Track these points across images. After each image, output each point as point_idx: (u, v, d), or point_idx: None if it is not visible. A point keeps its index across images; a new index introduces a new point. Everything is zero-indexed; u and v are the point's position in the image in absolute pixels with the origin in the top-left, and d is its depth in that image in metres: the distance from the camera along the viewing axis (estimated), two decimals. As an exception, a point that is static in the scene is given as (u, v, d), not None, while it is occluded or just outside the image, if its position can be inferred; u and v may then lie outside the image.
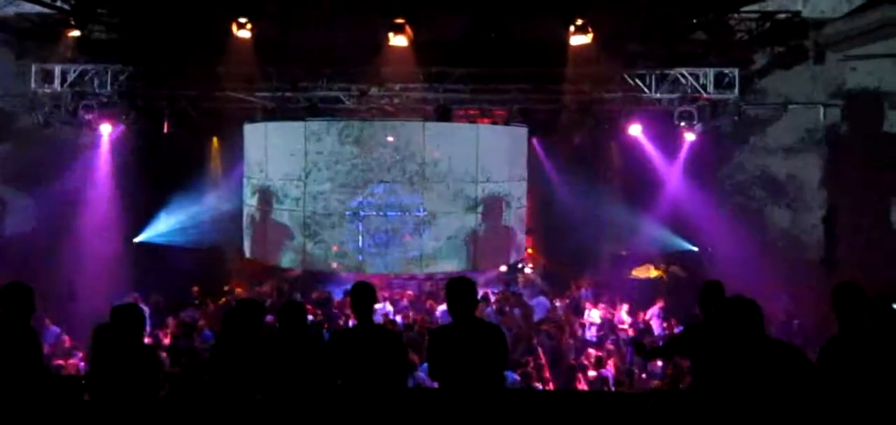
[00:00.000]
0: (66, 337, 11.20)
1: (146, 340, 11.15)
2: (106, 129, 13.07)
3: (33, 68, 12.29)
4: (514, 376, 9.34)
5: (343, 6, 10.10)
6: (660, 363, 10.05)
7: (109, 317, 5.16)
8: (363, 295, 5.10)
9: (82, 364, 10.11)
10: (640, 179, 14.82)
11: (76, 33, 10.93)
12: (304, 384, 5.11)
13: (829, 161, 13.18)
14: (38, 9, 11.14)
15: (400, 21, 10.19)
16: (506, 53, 11.32)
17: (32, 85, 12.27)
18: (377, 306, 11.75)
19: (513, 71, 11.94)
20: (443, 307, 11.83)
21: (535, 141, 15.11)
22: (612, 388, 9.84)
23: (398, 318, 13.04)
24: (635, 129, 13.55)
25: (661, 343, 11.27)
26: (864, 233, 12.32)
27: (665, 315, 13.41)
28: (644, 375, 10.41)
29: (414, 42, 10.51)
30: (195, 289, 14.30)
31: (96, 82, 12.35)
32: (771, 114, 13.39)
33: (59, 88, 12.28)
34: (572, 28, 10.13)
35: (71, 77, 12.27)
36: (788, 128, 13.42)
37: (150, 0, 10.93)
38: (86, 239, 13.69)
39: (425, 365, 6.38)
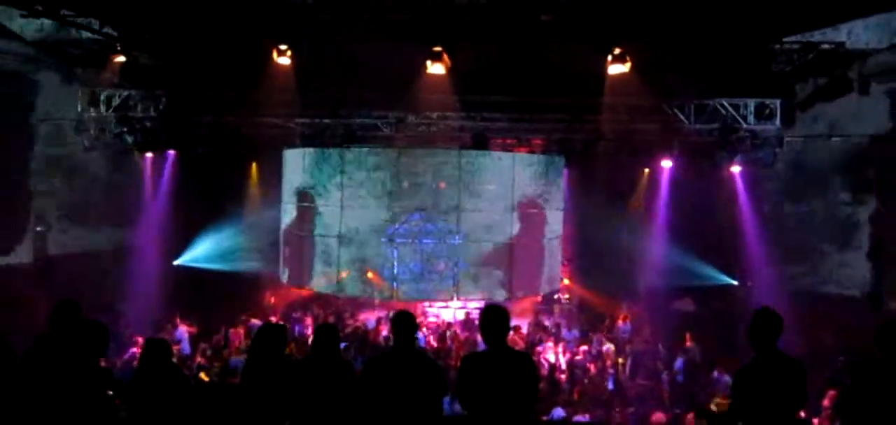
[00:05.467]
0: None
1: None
2: (148, 153, 13.31)
3: (80, 92, 12.61)
4: (559, 411, 9.23)
5: (381, 34, 10.17)
6: None
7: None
8: (404, 322, 5.09)
9: None
10: (677, 210, 14.63)
11: (122, 59, 11.18)
12: (335, 409, 5.07)
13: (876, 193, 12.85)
14: (86, 34, 11.42)
15: (438, 49, 10.21)
16: (543, 83, 11.28)
17: (79, 108, 12.58)
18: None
19: (550, 100, 11.88)
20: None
21: (572, 170, 14.99)
22: None
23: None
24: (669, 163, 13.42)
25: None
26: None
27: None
28: None
29: (451, 70, 10.49)
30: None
31: (140, 107, 12.61)
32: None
33: (104, 112, 12.57)
34: (610, 57, 10.02)
35: (116, 102, 12.56)
36: (831, 160, 13.14)
37: (193, 28, 11.14)
38: (128, 260, 13.96)
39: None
